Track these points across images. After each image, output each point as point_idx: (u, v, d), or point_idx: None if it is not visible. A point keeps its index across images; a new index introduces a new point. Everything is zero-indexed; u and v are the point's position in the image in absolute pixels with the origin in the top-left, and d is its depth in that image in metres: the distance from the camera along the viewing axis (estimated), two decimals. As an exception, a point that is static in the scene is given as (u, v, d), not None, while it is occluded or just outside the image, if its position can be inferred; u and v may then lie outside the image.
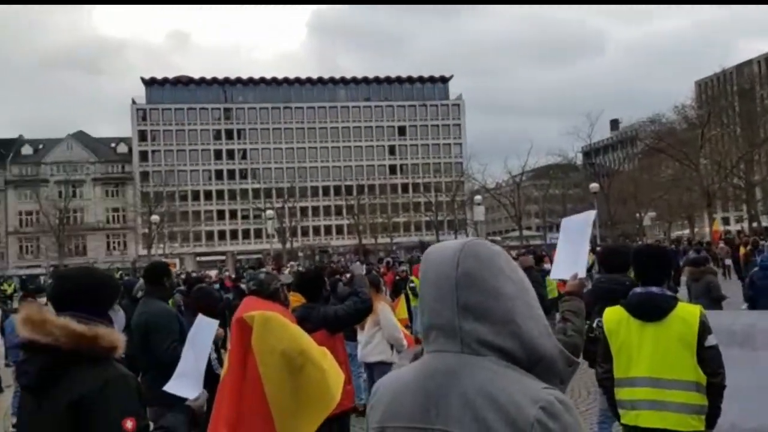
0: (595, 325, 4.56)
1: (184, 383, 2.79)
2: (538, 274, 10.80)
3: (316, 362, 3.78)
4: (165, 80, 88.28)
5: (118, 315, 2.54)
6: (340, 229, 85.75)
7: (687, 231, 54.71)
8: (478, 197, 46.45)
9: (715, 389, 3.57)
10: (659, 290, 3.66)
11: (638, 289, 3.71)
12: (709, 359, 3.54)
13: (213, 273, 36.33)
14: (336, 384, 3.78)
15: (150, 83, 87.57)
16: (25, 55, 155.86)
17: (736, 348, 5.37)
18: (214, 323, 3.14)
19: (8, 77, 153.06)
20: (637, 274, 3.84)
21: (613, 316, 3.78)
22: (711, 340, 3.57)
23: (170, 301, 10.29)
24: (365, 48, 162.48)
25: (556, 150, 66.46)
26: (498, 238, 68.04)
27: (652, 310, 3.63)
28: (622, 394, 3.72)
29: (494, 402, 1.24)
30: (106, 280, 2.55)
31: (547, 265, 12.52)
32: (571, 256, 3.59)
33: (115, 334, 2.34)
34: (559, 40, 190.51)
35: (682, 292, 15.46)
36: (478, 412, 1.25)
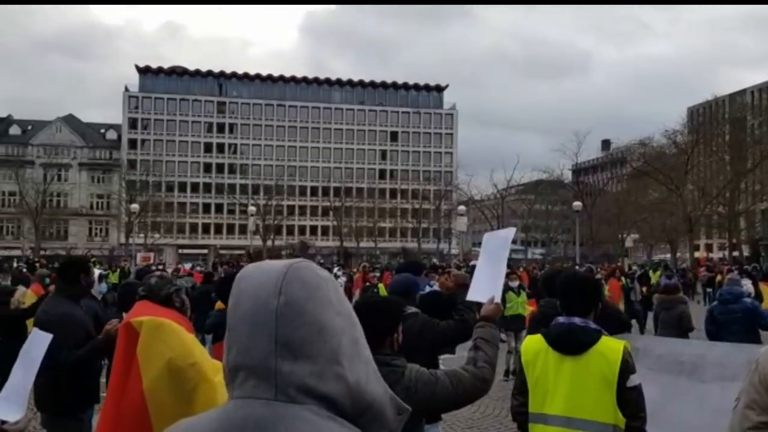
0: None
1: (7, 404, 2.45)
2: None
3: (209, 378, 3.48)
4: (160, 69, 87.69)
5: None
6: (325, 230, 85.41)
7: (669, 255, 54.80)
8: (461, 208, 46.30)
9: (634, 434, 3.30)
10: (582, 322, 3.37)
11: (561, 319, 3.42)
12: (629, 401, 3.26)
13: (188, 266, 35.97)
14: (225, 399, 3.48)
15: (144, 71, 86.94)
16: (19, 36, 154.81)
17: (684, 378, 5.14)
18: (48, 337, 2.81)
19: (1, 57, 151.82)
20: (561, 302, 3.55)
21: (532, 346, 3.50)
22: (633, 380, 3.29)
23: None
24: (356, 53, 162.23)
25: (542, 166, 66.60)
26: (479, 249, 67.90)
27: (571, 343, 3.34)
28: (535, 431, 3.44)
29: None
30: None
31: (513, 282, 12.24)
32: (489, 277, 3.33)
33: None
34: (547, 58, 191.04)
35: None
36: None
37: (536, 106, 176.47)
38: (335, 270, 27.51)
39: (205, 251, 75.28)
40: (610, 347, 3.31)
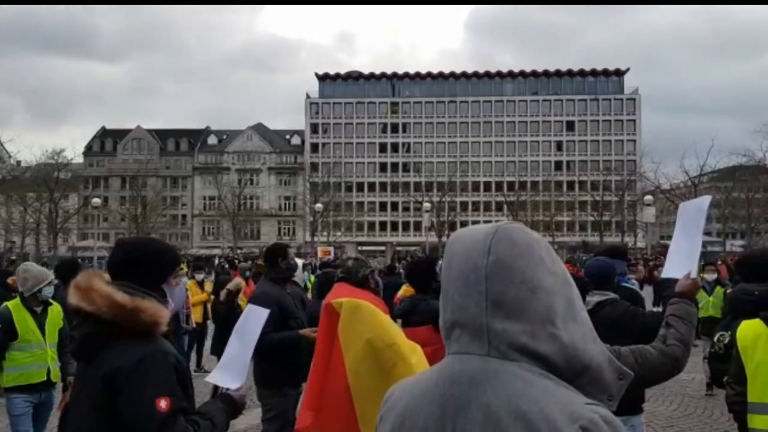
0: (715, 339, 3.92)
1: (228, 374, 2.69)
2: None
3: (406, 358, 3.57)
4: (337, 75, 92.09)
5: (176, 290, 2.46)
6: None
7: None
8: (648, 197, 43.34)
9: None
10: None
11: None
12: None
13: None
14: None
15: (323, 78, 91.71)
16: (213, 54, 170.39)
17: None
18: (265, 312, 3.01)
19: (199, 74, 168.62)
20: None
21: (750, 331, 3.19)
22: None
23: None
24: (526, 44, 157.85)
25: (741, 149, 60.36)
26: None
27: None
28: (756, 422, 3.13)
29: (523, 418, 1.03)
30: (163, 252, 2.47)
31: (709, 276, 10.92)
32: (685, 251, 3.09)
33: (159, 309, 2.25)
34: (737, 34, 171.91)
35: None
36: (503, 429, 1.04)
37: (729, 85, 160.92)
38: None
39: (383, 248, 77.72)
40: None
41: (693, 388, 9.65)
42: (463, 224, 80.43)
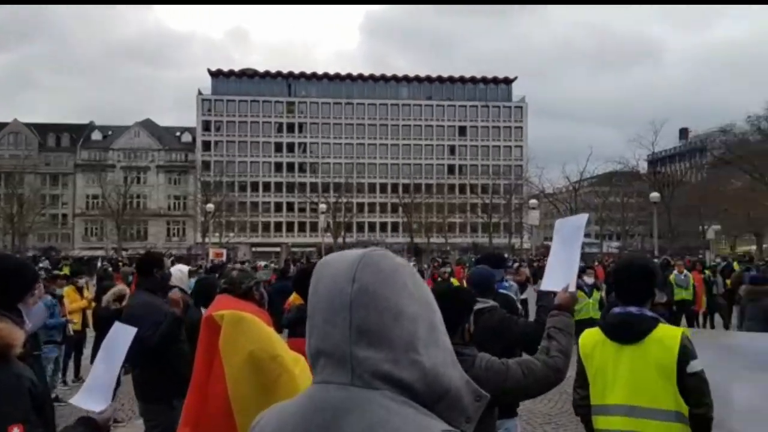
0: None
1: (92, 396, 2.62)
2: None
3: (290, 370, 3.64)
4: (231, 72, 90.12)
5: (34, 309, 2.41)
6: (395, 227, 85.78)
7: (754, 247, 52.36)
8: (533, 201, 45.52)
9: (699, 421, 3.20)
10: (637, 310, 3.31)
11: (616, 309, 3.40)
12: (690, 388, 3.18)
13: (263, 263, 36.90)
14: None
15: (216, 75, 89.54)
16: (98, 45, 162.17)
17: None
18: (132, 331, 3.00)
19: (82, 66, 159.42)
20: (616, 291, 3.54)
21: (589, 338, 3.48)
22: (694, 366, 3.20)
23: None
24: (420, 49, 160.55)
25: (617, 157, 64.64)
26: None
27: (627, 332, 3.30)
28: (598, 423, 3.42)
29: None
30: (18, 270, 2.40)
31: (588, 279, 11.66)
32: (563, 265, 3.34)
33: (12, 331, 2.16)
34: (616, 47, 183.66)
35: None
36: None
37: (608, 96, 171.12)
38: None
39: (278, 249, 76.91)
40: (668, 334, 3.25)
41: (571, 386, 10.25)
42: (360, 225, 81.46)
